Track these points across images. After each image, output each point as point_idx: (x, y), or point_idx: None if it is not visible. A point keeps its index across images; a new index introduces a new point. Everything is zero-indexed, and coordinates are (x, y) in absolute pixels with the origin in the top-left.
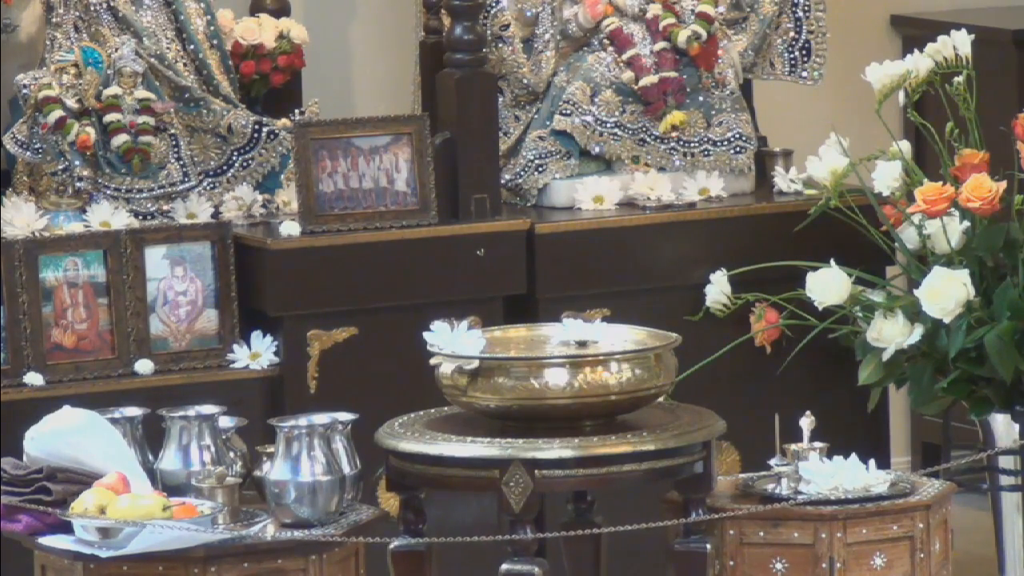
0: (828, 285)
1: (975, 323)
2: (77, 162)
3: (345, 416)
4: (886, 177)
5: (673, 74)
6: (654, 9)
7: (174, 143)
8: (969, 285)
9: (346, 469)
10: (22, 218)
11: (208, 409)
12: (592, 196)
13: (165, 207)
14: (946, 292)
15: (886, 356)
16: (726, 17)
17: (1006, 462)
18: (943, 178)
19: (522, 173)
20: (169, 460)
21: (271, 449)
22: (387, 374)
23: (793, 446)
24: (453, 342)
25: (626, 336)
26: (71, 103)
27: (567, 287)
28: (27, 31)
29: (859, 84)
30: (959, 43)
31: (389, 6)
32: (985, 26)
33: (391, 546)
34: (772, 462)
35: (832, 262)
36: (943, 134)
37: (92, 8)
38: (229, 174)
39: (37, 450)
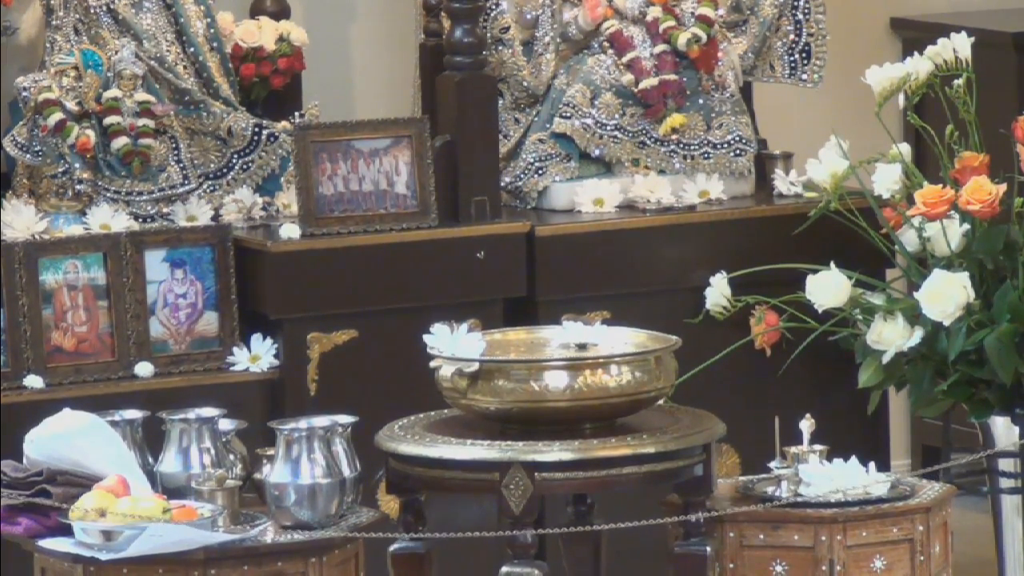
0: (828, 288)
1: (975, 326)
2: (77, 165)
3: (345, 419)
4: (886, 180)
5: (673, 77)
6: (654, 12)
7: (174, 146)
8: (969, 288)
9: (346, 472)
10: (22, 221)
11: (208, 412)
12: (592, 199)
13: (165, 210)
14: (946, 295)
15: (886, 359)
16: (726, 20)
17: (1006, 465)
18: (943, 181)
19: (522, 176)
20: (169, 463)
21: (271, 452)
22: (387, 377)
23: (793, 449)
24: (453, 345)
25: (626, 339)
26: (71, 106)
27: (567, 290)
28: (27, 34)
29: (859, 87)
30: (959, 46)
31: (389, 9)
32: (985, 29)
33: (391, 548)
34: (772, 465)
35: (832, 265)
36: (943, 137)
37: (92, 11)
38: (229, 177)
39: (37, 453)
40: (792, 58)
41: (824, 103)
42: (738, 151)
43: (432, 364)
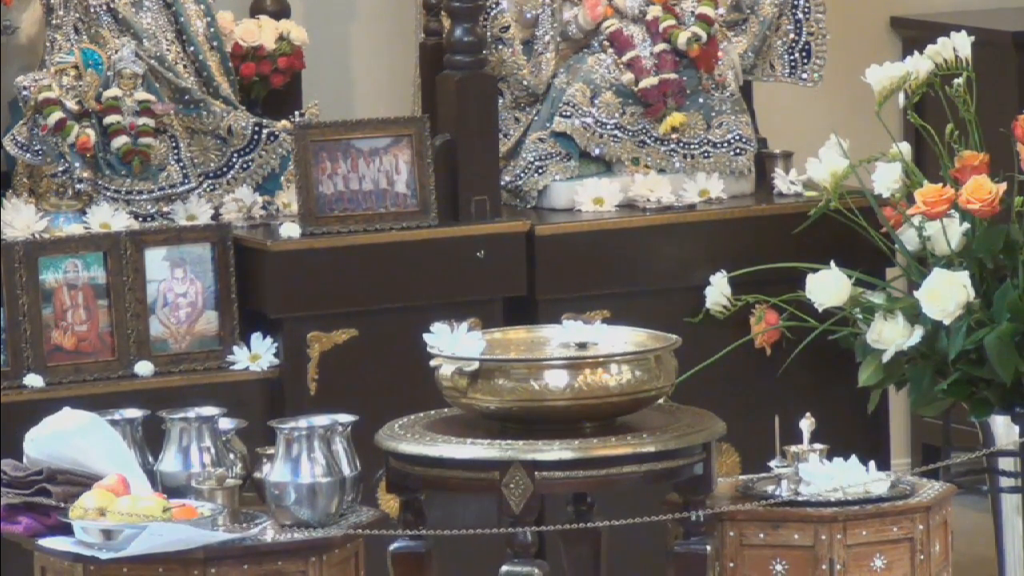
0: (828, 287)
1: (975, 325)
2: (77, 164)
3: (345, 418)
4: (886, 179)
5: (673, 76)
6: (654, 11)
7: (174, 145)
8: (969, 287)
9: (346, 471)
10: (22, 220)
11: (208, 411)
12: (592, 198)
13: (165, 209)
14: (946, 294)
15: (886, 358)
16: (726, 19)
17: (1006, 464)
18: (943, 180)
19: (522, 175)
20: (169, 462)
21: (271, 451)
22: (387, 376)
23: (793, 448)
24: (453, 344)
25: (626, 338)
26: (71, 105)
27: (567, 289)
28: (27, 33)
29: (859, 86)
30: (959, 45)
31: (389, 8)
32: (985, 28)
33: (391, 548)
34: (772, 464)
35: (832, 264)
36: (943, 136)
37: (92, 10)
38: (229, 176)
39: (37, 452)
40: (792, 57)
41: (824, 102)
42: (738, 150)
43: (432, 363)
